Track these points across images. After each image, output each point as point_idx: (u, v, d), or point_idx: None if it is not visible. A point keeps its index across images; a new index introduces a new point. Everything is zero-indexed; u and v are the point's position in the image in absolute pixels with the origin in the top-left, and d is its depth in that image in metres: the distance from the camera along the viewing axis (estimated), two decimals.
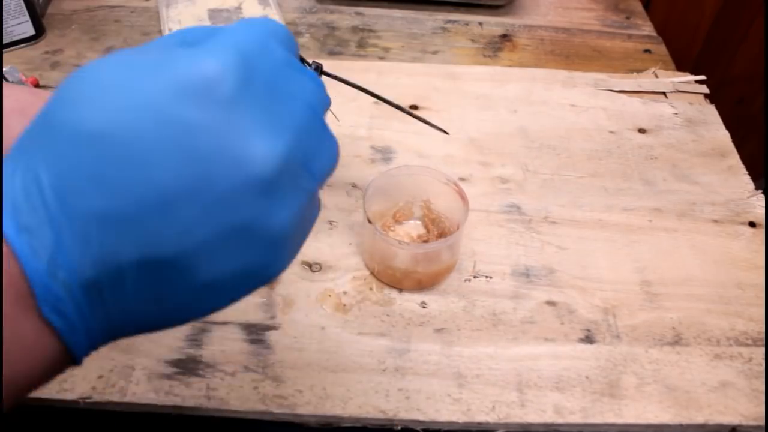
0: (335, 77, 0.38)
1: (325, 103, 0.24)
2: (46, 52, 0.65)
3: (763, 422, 0.38)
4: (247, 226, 0.20)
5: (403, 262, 0.43)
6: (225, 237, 0.20)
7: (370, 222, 0.42)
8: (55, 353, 0.19)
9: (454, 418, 0.38)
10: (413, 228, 0.48)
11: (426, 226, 0.47)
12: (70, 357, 0.20)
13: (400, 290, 0.44)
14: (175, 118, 0.19)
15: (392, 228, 0.47)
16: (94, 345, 0.20)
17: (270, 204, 0.20)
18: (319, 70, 0.36)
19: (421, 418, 0.38)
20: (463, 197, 0.44)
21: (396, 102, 0.43)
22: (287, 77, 0.22)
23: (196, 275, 0.20)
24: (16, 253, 0.18)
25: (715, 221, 0.50)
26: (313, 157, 0.22)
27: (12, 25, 0.63)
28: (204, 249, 0.20)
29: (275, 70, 0.22)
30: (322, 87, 0.24)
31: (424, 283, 0.44)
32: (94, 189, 0.19)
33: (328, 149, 0.23)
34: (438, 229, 0.47)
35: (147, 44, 0.22)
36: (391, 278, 0.44)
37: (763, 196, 0.52)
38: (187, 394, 0.38)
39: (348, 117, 0.57)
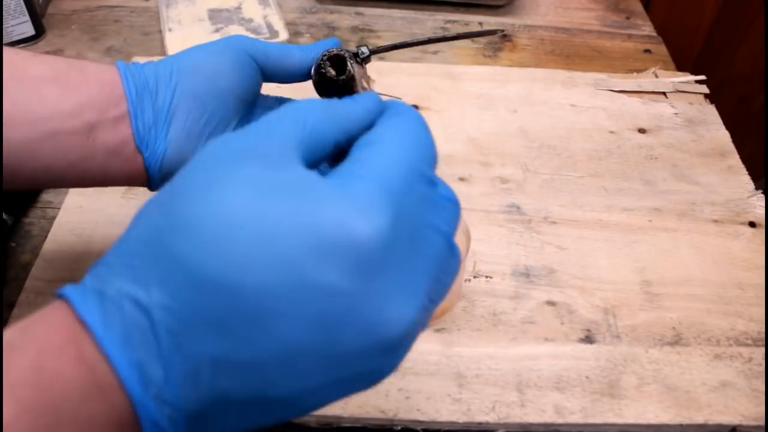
0: (385, 49, 0.38)
1: (458, 220, 0.23)
2: (46, 52, 0.65)
3: (763, 422, 0.38)
4: (364, 375, 0.20)
5: None
6: (345, 382, 0.20)
7: None
8: None
9: (454, 418, 0.38)
10: None
11: None
12: None
13: None
14: (314, 282, 0.18)
15: None
16: None
17: (391, 358, 0.20)
18: (369, 54, 0.37)
19: (421, 418, 0.38)
20: (467, 234, 0.41)
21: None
22: (430, 213, 0.21)
23: (304, 407, 0.20)
24: (125, 385, 0.18)
25: (715, 221, 0.50)
26: (436, 292, 0.21)
27: (12, 25, 0.63)
28: (318, 391, 0.19)
29: (419, 211, 0.20)
30: (457, 207, 0.22)
31: None
32: (212, 336, 0.18)
33: (454, 269, 0.22)
34: None
35: (260, 141, 0.20)
36: None
37: (763, 196, 0.52)
38: None
39: None
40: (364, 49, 0.37)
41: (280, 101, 0.38)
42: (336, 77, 0.33)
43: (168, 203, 0.19)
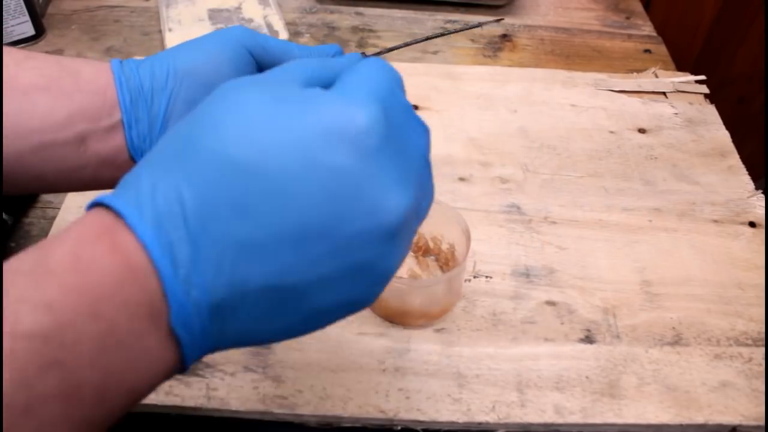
0: (388, 51, 0.39)
1: (429, 146, 0.26)
2: (46, 52, 0.65)
3: (763, 422, 0.38)
4: (367, 266, 0.21)
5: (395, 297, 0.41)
6: (345, 273, 0.21)
7: None
8: (171, 363, 0.20)
9: (454, 418, 0.38)
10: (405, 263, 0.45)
11: (422, 262, 0.46)
12: (181, 366, 0.21)
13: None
14: (324, 162, 0.20)
15: None
16: (202, 356, 0.21)
17: (390, 248, 0.22)
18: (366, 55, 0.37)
19: (421, 418, 0.38)
20: (467, 236, 0.41)
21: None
22: (409, 128, 0.23)
23: (311, 303, 0.21)
24: (157, 268, 0.19)
25: (715, 221, 0.50)
26: (422, 201, 0.23)
27: (12, 25, 0.63)
28: (325, 281, 0.21)
29: (402, 121, 0.23)
30: (429, 133, 0.25)
31: (412, 320, 0.42)
32: (237, 217, 0.19)
33: (430, 191, 0.24)
34: (443, 265, 0.45)
35: (268, 76, 0.23)
36: (385, 312, 0.42)
37: (763, 196, 0.52)
38: (187, 395, 0.38)
39: None
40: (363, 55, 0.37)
41: None
42: None
43: (195, 116, 0.21)
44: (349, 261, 0.21)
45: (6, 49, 0.30)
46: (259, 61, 0.34)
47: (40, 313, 0.17)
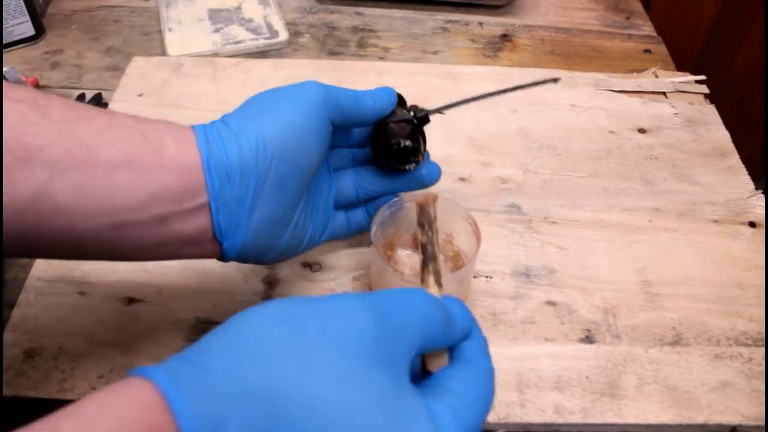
0: (438, 111, 0.40)
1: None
2: (46, 52, 0.65)
3: (763, 422, 0.38)
4: None
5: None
6: None
7: (389, 259, 0.40)
8: None
9: None
10: (407, 258, 0.45)
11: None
12: None
13: None
14: None
15: (391, 254, 0.45)
16: None
17: None
18: (426, 117, 0.39)
19: None
20: (477, 236, 0.41)
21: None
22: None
23: None
24: None
25: (715, 221, 0.50)
26: None
27: (12, 25, 0.63)
28: None
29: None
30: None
31: None
32: None
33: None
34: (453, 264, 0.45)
35: (386, 338, 0.23)
36: None
37: (763, 196, 0.52)
38: None
39: None
40: (421, 112, 0.39)
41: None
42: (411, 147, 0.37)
43: (266, 396, 0.21)
44: None
45: (89, 115, 0.28)
46: (334, 122, 0.34)
47: None
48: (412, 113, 0.39)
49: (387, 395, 0.22)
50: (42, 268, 0.44)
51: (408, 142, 0.37)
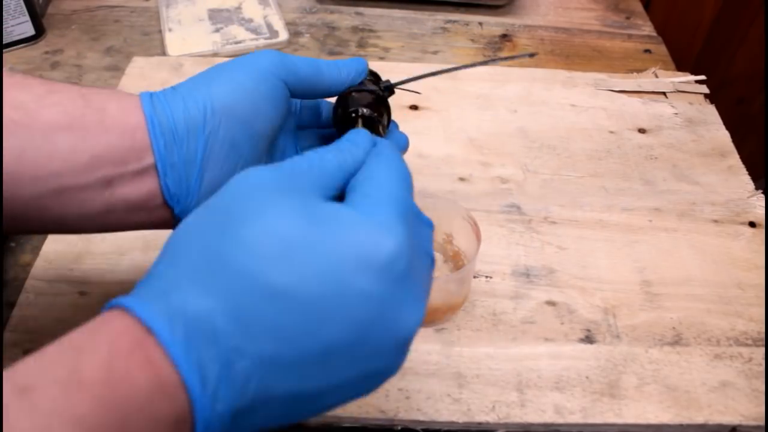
0: (404, 83, 0.39)
1: (432, 239, 0.28)
2: (46, 52, 0.65)
3: (763, 422, 0.38)
4: (380, 371, 0.23)
5: None
6: (360, 378, 0.23)
7: None
8: None
9: (454, 418, 0.38)
10: None
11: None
12: None
13: None
14: (355, 289, 0.21)
15: None
16: None
17: (401, 355, 0.24)
18: (391, 89, 0.38)
19: (421, 418, 0.38)
20: (477, 235, 0.41)
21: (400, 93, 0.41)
22: (421, 232, 0.25)
23: (324, 402, 0.23)
24: (186, 384, 0.20)
25: (715, 221, 0.50)
26: (428, 293, 0.25)
27: (12, 25, 0.63)
28: (340, 386, 0.23)
29: (417, 229, 0.25)
30: (432, 229, 0.27)
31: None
32: (268, 338, 0.21)
33: (431, 281, 0.26)
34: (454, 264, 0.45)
35: (292, 181, 0.24)
36: None
37: (763, 196, 0.52)
38: None
39: None
40: (388, 83, 0.38)
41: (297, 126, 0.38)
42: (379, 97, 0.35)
43: (223, 224, 0.22)
44: (365, 369, 0.22)
45: (26, 82, 0.28)
46: (292, 89, 0.33)
47: (70, 427, 0.18)
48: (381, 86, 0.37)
49: (301, 208, 0.23)
50: (42, 267, 0.44)
51: (366, 110, 0.35)
